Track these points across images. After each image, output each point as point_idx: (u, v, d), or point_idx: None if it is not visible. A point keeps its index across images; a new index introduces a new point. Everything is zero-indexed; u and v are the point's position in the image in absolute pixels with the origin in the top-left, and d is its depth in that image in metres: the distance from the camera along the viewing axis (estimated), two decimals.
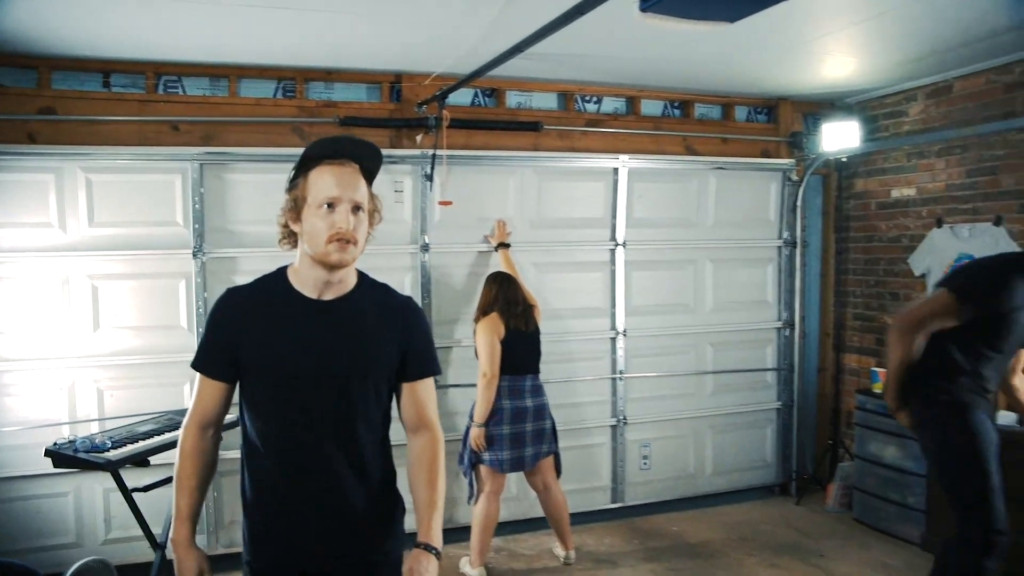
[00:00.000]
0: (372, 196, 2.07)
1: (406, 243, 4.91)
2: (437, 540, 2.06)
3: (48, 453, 3.42)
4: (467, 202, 4.99)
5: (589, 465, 5.43)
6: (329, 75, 4.85)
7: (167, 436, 3.66)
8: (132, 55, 4.36)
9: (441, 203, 4.91)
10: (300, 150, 4.81)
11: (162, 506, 3.78)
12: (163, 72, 4.54)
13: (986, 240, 4.81)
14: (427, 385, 2.19)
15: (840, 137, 5.55)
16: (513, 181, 5.17)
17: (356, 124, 4.77)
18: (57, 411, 4.35)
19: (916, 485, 4.80)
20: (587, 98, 5.50)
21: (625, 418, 5.48)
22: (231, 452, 2.24)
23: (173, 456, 3.55)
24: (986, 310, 3.36)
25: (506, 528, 5.01)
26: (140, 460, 3.49)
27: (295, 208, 2.02)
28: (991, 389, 3.48)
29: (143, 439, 3.62)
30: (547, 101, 5.42)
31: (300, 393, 2.01)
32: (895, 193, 5.61)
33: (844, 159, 5.89)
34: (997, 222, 4.77)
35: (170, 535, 2.09)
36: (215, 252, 4.54)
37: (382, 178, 2.20)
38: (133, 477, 3.63)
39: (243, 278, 4.47)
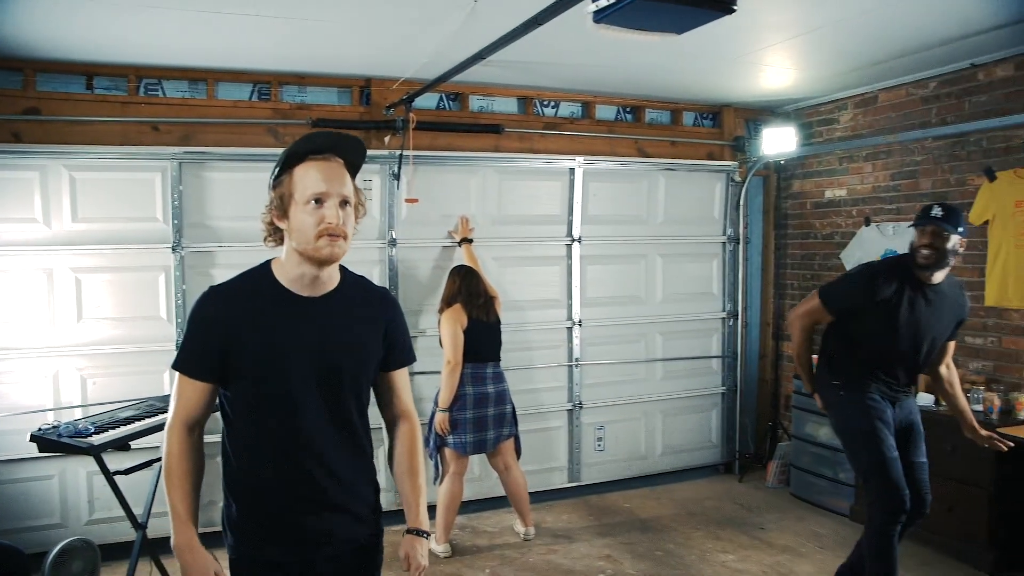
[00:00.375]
0: (357, 190, 2.02)
1: (374, 238, 5.06)
2: (426, 524, 2.12)
3: (33, 438, 3.46)
4: (432, 200, 5.16)
5: (547, 447, 5.63)
6: (302, 79, 5.00)
7: (148, 421, 3.74)
8: (114, 59, 4.47)
9: (408, 200, 5.07)
10: (275, 150, 4.99)
11: (143, 488, 3.89)
12: (144, 75, 4.67)
13: (908, 237, 4.99)
14: (404, 373, 2.21)
15: (779, 142, 5.82)
16: (475, 180, 5.34)
17: (328, 126, 4.91)
18: (42, 398, 4.44)
19: (846, 462, 4.98)
20: (545, 103, 5.70)
21: (581, 403, 5.70)
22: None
23: (153, 440, 3.61)
24: (843, 308, 3.69)
25: (469, 507, 5.19)
26: (122, 444, 3.56)
27: (281, 205, 1.95)
28: (884, 376, 3.68)
29: (124, 424, 3.67)
30: (508, 105, 5.62)
31: (297, 391, 1.97)
32: (828, 194, 5.95)
33: (782, 162, 6.20)
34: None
35: (172, 540, 1.96)
36: (193, 246, 4.66)
37: None
38: (115, 461, 3.70)
39: (220, 271, 4.68)
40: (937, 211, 3.44)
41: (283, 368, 1.96)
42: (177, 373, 2.01)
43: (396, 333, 2.16)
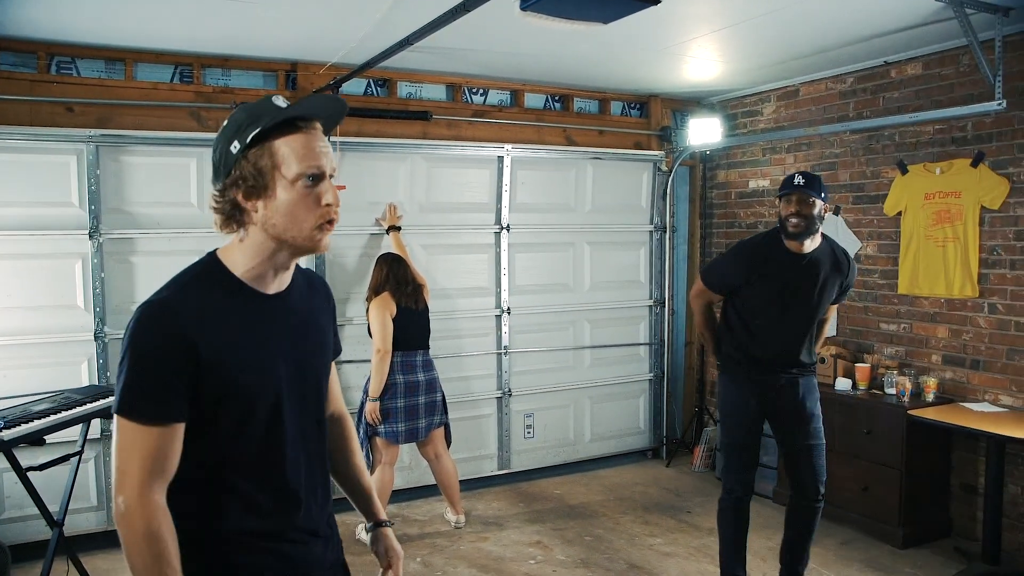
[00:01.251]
0: None
1: None
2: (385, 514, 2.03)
3: None
4: (360, 187, 5.10)
5: (477, 435, 5.65)
6: (226, 62, 4.87)
7: (64, 414, 3.57)
8: (22, 33, 4.25)
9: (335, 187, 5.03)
10: (198, 134, 4.78)
11: (59, 484, 3.76)
12: (56, 53, 4.46)
13: (827, 227, 5.13)
14: (334, 365, 1.98)
15: (705, 132, 5.91)
16: (404, 167, 5.30)
17: None
18: None
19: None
20: (474, 90, 5.69)
21: (510, 390, 5.73)
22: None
23: (70, 434, 3.49)
24: (722, 286, 3.81)
25: (400, 496, 5.18)
26: (35, 439, 3.40)
27: (260, 182, 1.55)
28: (770, 354, 3.70)
29: (38, 418, 3.48)
30: (436, 92, 5.57)
31: (288, 409, 1.65)
32: (752, 184, 6.10)
33: (708, 152, 6.33)
34: (836, 212, 5.30)
35: None
36: (112, 233, 4.50)
37: None
38: (28, 456, 3.57)
39: (141, 259, 4.53)
40: (799, 179, 3.54)
41: (272, 386, 1.62)
42: (122, 423, 1.49)
43: (335, 320, 1.94)
